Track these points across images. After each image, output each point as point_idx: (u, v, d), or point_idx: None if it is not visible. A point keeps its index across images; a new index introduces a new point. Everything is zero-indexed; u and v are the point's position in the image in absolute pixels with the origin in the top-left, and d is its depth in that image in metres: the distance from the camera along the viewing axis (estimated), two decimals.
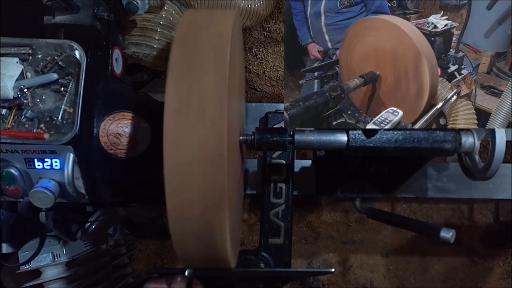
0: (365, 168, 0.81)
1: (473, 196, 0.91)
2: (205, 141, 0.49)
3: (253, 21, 0.97)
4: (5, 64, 0.62)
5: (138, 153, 0.70)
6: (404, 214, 1.45)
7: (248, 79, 1.35)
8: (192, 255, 0.56)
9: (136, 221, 1.09)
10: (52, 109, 0.62)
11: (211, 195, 0.50)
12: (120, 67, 0.81)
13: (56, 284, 0.95)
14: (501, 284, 1.45)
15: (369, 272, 1.48)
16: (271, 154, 0.83)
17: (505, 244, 1.44)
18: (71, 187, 0.65)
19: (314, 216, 1.47)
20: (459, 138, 0.60)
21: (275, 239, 0.79)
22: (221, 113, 0.49)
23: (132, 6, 0.74)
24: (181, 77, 0.50)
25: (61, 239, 0.93)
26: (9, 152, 0.63)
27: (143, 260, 1.48)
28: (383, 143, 0.60)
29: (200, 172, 0.49)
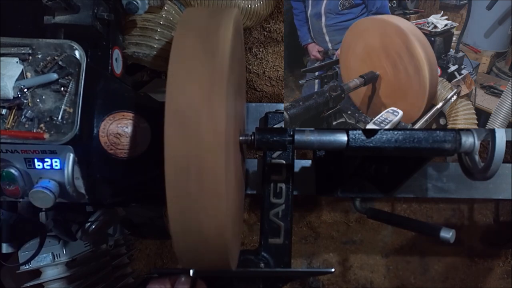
0: (365, 168, 0.81)
1: (473, 196, 0.91)
2: (205, 142, 0.49)
3: (253, 21, 0.97)
4: (5, 64, 0.62)
5: (138, 153, 0.70)
6: (404, 214, 1.45)
7: (248, 79, 1.35)
8: (193, 256, 0.56)
9: (136, 221, 1.09)
10: (52, 109, 0.62)
11: (211, 196, 0.50)
12: (120, 67, 0.81)
13: (56, 284, 0.96)
14: (501, 284, 1.45)
15: (369, 272, 1.48)
16: (271, 154, 0.83)
17: (505, 244, 1.44)
18: (71, 187, 0.65)
19: (314, 216, 1.47)
20: (459, 138, 0.60)
21: (275, 239, 0.79)
22: (221, 114, 0.49)
23: (132, 6, 0.74)
24: (181, 78, 0.50)
25: (61, 239, 0.93)
26: (9, 152, 0.63)
27: (143, 260, 1.49)
28: (383, 143, 0.60)
29: (200, 173, 0.49)
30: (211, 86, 0.50)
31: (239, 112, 0.69)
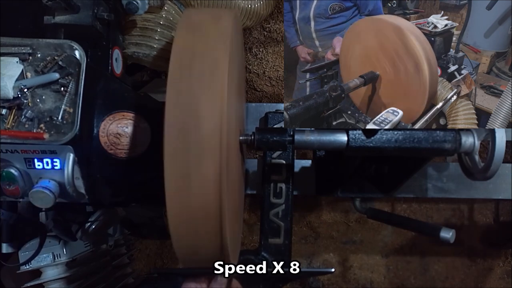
0: (365, 168, 0.81)
1: (473, 196, 0.91)
2: (205, 143, 0.49)
3: (253, 21, 0.97)
4: (5, 64, 0.62)
5: (138, 153, 0.70)
6: (404, 214, 1.45)
7: (248, 79, 1.35)
8: (193, 256, 0.56)
9: (136, 221, 1.09)
10: (52, 109, 0.62)
11: (212, 197, 0.50)
12: (120, 67, 0.81)
13: (56, 284, 0.95)
14: (501, 284, 1.45)
15: (369, 272, 1.48)
16: (271, 154, 0.83)
17: (505, 244, 1.44)
18: (71, 187, 0.65)
19: (314, 216, 1.47)
20: (459, 138, 0.60)
21: (275, 239, 0.79)
22: (221, 115, 0.49)
23: (132, 6, 0.74)
24: (182, 79, 0.50)
25: (61, 239, 0.93)
26: (9, 152, 0.63)
27: (143, 260, 1.49)
28: (383, 143, 0.60)
29: (200, 174, 0.49)
30: (211, 89, 0.50)
31: (239, 112, 0.69)
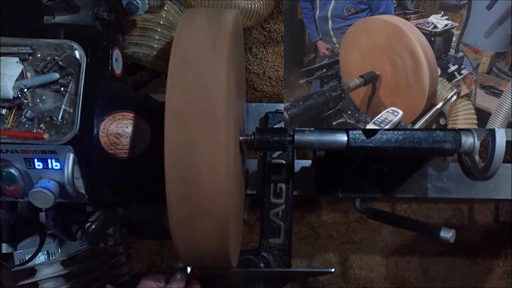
0: (365, 168, 0.81)
1: (473, 196, 0.91)
2: (205, 143, 0.49)
3: (253, 21, 0.97)
4: (5, 64, 0.62)
5: (138, 153, 0.70)
6: (404, 214, 1.45)
7: (248, 79, 1.35)
8: (193, 256, 0.56)
9: (136, 221, 1.09)
10: (52, 109, 0.62)
11: (212, 197, 0.50)
12: (120, 67, 0.81)
13: (51, 282, 0.95)
14: (501, 284, 1.45)
15: (369, 272, 1.48)
16: (271, 154, 0.83)
17: (505, 244, 1.44)
18: (71, 187, 0.65)
19: (314, 216, 1.47)
20: (459, 138, 0.60)
21: (275, 239, 0.79)
22: (221, 115, 0.49)
23: (132, 6, 0.74)
24: (182, 79, 0.50)
25: (56, 238, 0.93)
26: (9, 152, 0.63)
27: (143, 259, 1.48)
28: (383, 143, 0.60)
29: (200, 174, 0.49)
30: (212, 89, 0.50)
31: (239, 112, 0.69)
